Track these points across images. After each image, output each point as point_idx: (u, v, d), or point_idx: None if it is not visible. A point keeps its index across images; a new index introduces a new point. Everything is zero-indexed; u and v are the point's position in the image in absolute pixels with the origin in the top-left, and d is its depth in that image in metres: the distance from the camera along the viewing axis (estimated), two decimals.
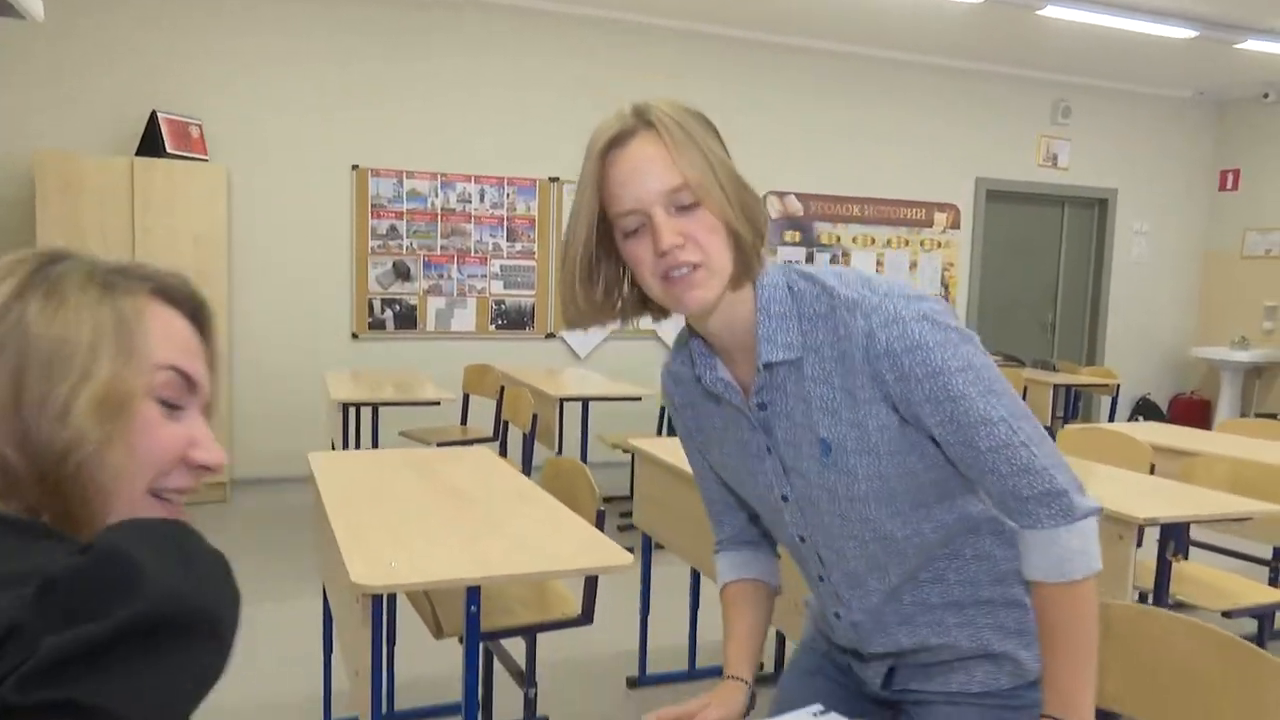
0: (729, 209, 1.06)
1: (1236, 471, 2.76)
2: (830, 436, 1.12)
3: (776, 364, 1.12)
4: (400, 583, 1.62)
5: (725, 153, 1.09)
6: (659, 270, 1.06)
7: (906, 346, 1.05)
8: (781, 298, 1.12)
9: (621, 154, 1.06)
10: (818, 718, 1.16)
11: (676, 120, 1.06)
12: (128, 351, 0.68)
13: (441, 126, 5.87)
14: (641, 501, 3.05)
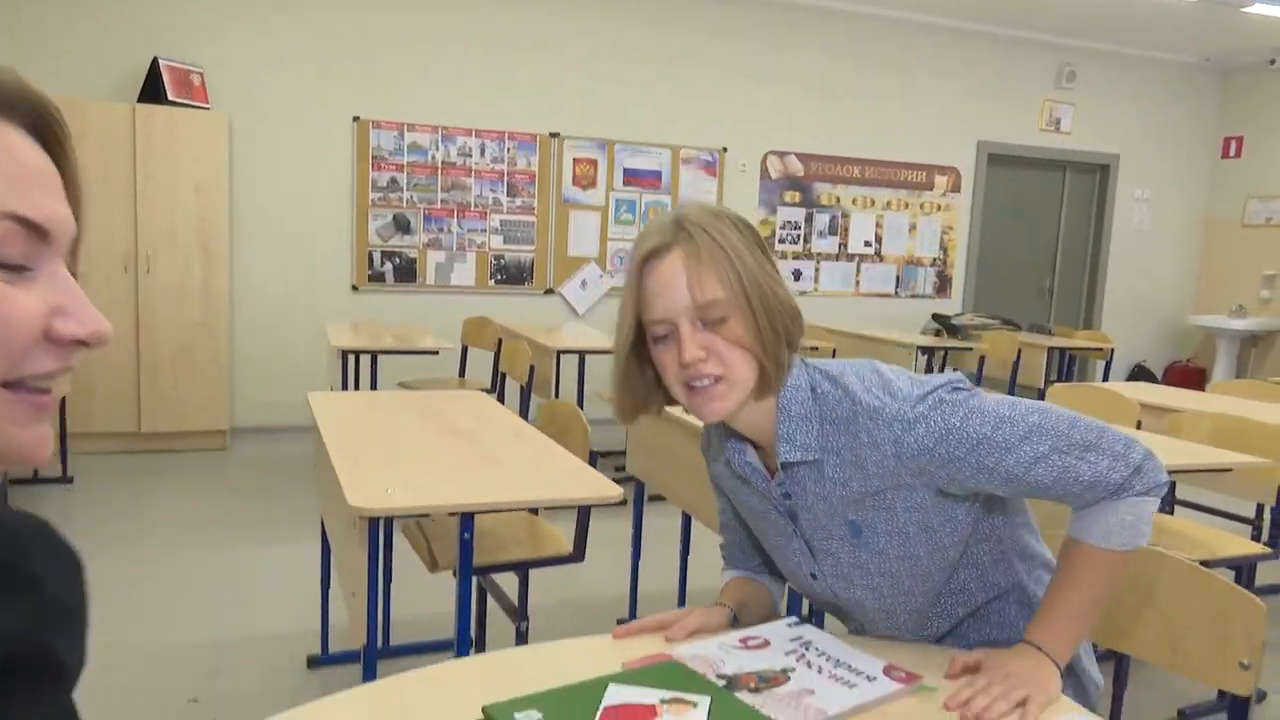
0: (755, 327, 1.11)
1: (1221, 426, 2.81)
2: (860, 520, 1.17)
3: (794, 463, 1.18)
4: (396, 507, 1.67)
5: (767, 262, 1.15)
6: (682, 379, 1.13)
7: (938, 438, 1.09)
8: (803, 399, 1.16)
9: (657, 265, 1.12)
10: (792, 627, 1.21)
11: (713, 235, 1.11)
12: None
13: (443, 80, 5.85)
14: (635, 449, 3.10)
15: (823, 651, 1.14)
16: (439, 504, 1.71)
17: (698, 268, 1.10)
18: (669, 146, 6.44)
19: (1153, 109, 7.84)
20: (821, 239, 6.98)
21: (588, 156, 6.24)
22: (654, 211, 6.46)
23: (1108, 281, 7.92)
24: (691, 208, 1.16)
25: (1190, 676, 1.40)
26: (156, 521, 3.95)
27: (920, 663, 1.14)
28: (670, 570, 3.45)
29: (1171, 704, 2.75)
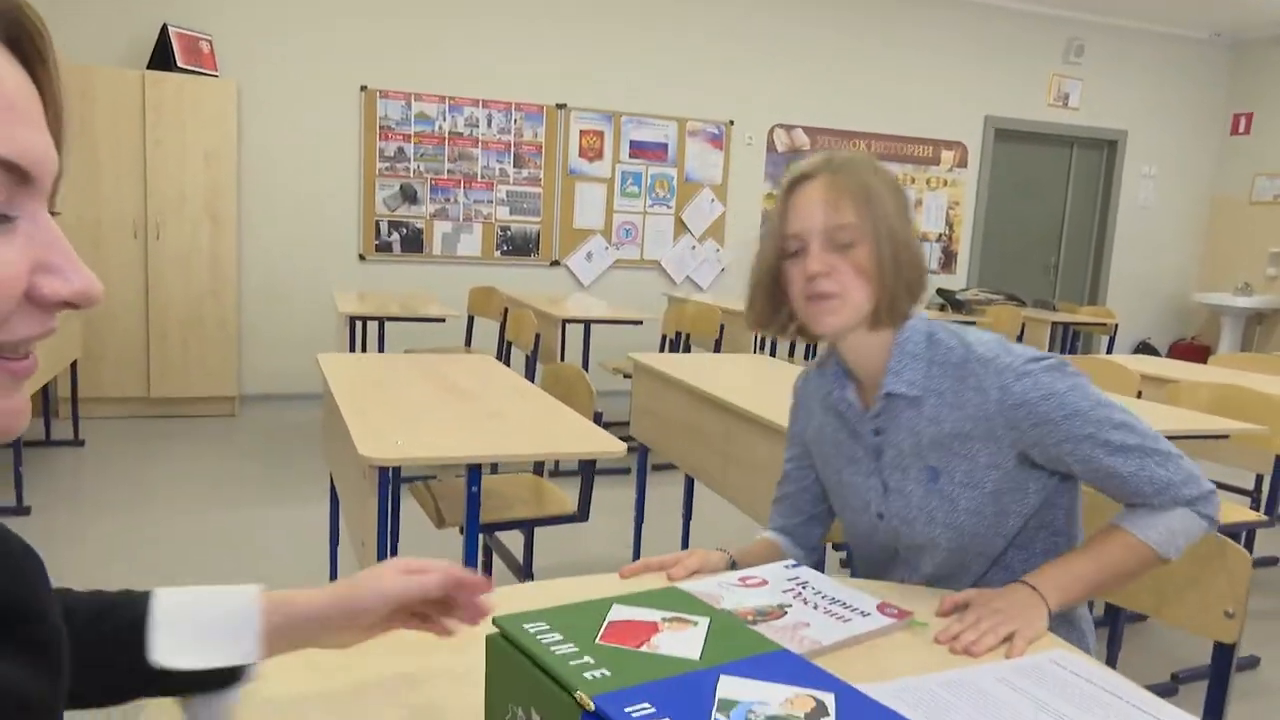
0: (878, 261, 1.22)
1: (1220, 396, 2.83)
2: (940, 466, 1.26)
3: (897, 395, 1.27)
4: (405, 457, 1.71)
5: (904, 216, 1.25)
6: (804, 291, 1.25)
7: (1042, 395, 1.18)
8: (919, 340, 1.27)
9: (803, 188, 1.25)
10: (790, 569, 1.25)
11: (860, 175, 1.24)
12: None
13: (450, 50, 5.84)
14: (639, 413, 3.14)
15: (819, 590, 1.18)
16: (447, 455, 1.75)
17: (836, 195, 1.22)
18: (675, 119, 6.43)
19: (1161, 85, 7.79)
20: None
21: (594, 128, 6.24)
22: (660, 184, 6.47)
23: (1113, 258, 7.91)
24: (848, 152, 1.28)
25: (1177, 626, 1.44)
26: (166, 484, 4.01)
27: (913, 602, 1.18)
28: (672, 536, 3.50)
29: (1166, 668, 2.79)
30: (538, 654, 0.78)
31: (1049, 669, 1.02)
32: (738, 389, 2.56)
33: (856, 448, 1.34)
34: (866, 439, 1.32)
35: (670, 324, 5.16)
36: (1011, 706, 0.93)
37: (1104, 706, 0.94)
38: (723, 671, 0.78)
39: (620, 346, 5.89)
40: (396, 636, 0.91)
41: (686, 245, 6.61)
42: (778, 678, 0.77)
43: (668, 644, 0.82)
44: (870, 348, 1.29)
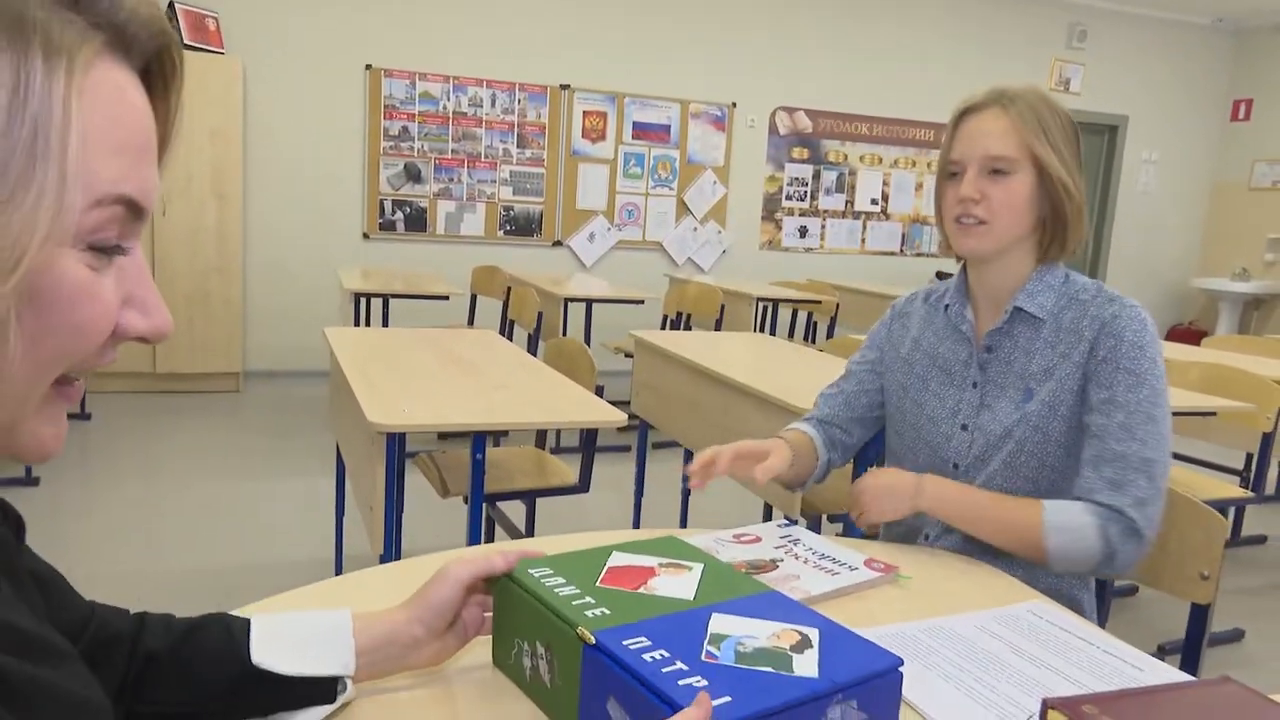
0: (1034, 194, 1.27)
1: (1209, 375, 2.89)
2: (1037, 389, 1.31)
3: (1024, 314, 1.32)
4: (412, 424, 1.77)
5: (1069, 155, 1.29)
6: (954, 213, 1.31)
7: (1133, 342, 1.24)
8: (1058, 273, 1.34)
9: (970, 118, 1.31)
10: (782, 528, 1.31)
11: (1032, 108, 1.28)
12: (48, 184, 0.41)
13: (455, 30, 5.86)
14: (639, 389, 3.19)
15: (809, 546, 1.24)
16: (452, 423, 1.81)
17: (1000, 125, 1.27)
18: (678, 101, 6.45)
19: (1163, 70, 7.80)
20: (828, 196, 7.02)
21: (597, 109, 6.27)
22: (663, 166, 6.50)
23: (1113, 242, 7.95)
24: (1025, 87, 1.31)
25: (1155, 588, 1.49)
26: (173, 456, 4.07)
27: (901, 558, 1.24)
28: (671, 510, 3.57)
29: (1152, 640, 2.86)
30: (542, 595, 0.83)
31: (1026, 618, 1.08)
32: (737, 365, 2.61)
33: (958, 361, 1.40)
34: (975, 354, 1.38)
35: (671, 304, 5.21)
36: (988, 650, 0.99)
37: (1075, 651, 1.00)
38: (714, 610, 0.83)
39: (621, 326, 5.93)
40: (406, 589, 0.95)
41: (688, 227, 6.65)
42: (766, 615, 0.83)
43: (664, 586, 0.87)
44: (1009, 271, 1.34)
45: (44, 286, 0.42)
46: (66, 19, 0.42)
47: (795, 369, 2.68)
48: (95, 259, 0.44)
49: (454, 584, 0.84)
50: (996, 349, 1.36)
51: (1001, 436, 1.33)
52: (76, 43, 0.42)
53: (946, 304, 1.43)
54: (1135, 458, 1.22)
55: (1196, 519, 1.41)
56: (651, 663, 0.72)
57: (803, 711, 0.70)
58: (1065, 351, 1.29)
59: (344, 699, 0.79)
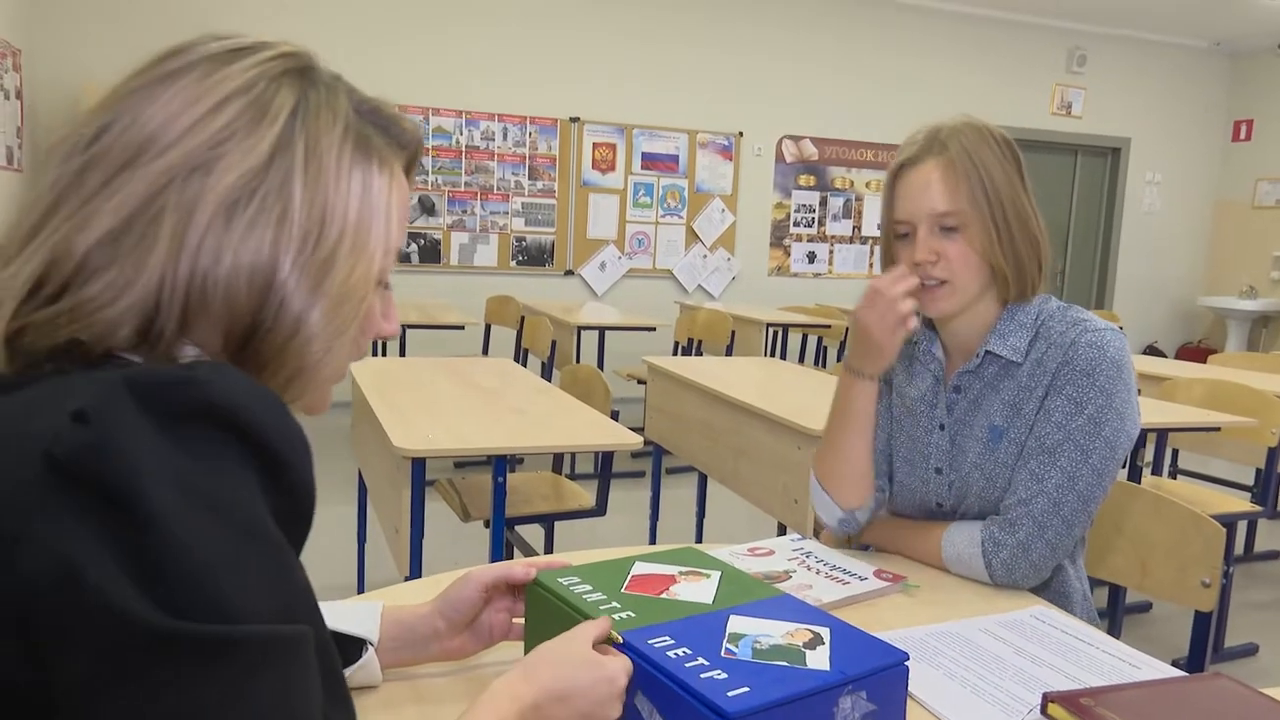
0: (991, 243, 1.22)
1: (1213, 391, 2.93)
2: (1005, 427, 1.27)
3: (996, 357, 1.28)
4: (437, 449, 1.84)
5: (1017, 187, 1.24)
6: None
7: (1082, 369, 1.21)
8: (1031, 311, 1.29)
9: (908, 173, 1.26)
10: (795, 542, 1.37)
11: (969, 151, 1.22)
12: (377, 243, 0.64)
13: (466, 65, 6.00)
14: (653, 414, 3.25)
15: (821, 559, 1.30)
16: (475, 447, 1.88)
17: (942, 179, 1.22)
18: (686, 131, 6.57)
19: (1163, 93, 7.89)
20: (835, 222, 7.10)
21: (607, 141, 6.39)
22: (671, 195, 6.60)
23: (1119, 264, 8.00)
24: (955, 122, 1.26)
25: (1157, 597, 1.54)
26: None
27: (908, 570, 1.29)
28: (687, 533, 3.61)
29: (1164, 656, 2.87)
30: (571, 600, 0.89)
31: (1029, 622, 1.13)
32: (748, 388, 2.67)
33: (923, 403, 1.36)
34: (943, 394, 1.34)
35: (682, 331, 5.28)
36: (992, 652, 1.04)
37: (1077, 652, 1.05)
38: (732, 612, 0.89)
39: (633, 354, 5.99)
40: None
41: (698, 254, 6.74)
42: (780, 616, 0.89)
43: (684, 592, 0.93)
44: (976, 318, 1.30)
45: (366, 313, 0.66)
46: (387, 141, 0.67)
47: (806, 391, 2.74)
48: (378, 291, 0.68)
49: (475, 584, 0.93)
50: (965, 390, 1.32)
51: (979, 480, 1.30)
52: (392, 156, 0.67)
53: (915, 340, 1.38)
54: (1044, 495, 1.22)
55: (1196, 529, 1.46)
56: (676, 659, 0.78)
57: (816, 701, 0.76)
58: (1030, 386, 1.26)
59: (364, 663, 0.87)
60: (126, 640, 0.46)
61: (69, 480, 0.48)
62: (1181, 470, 3.93)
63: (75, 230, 0.56)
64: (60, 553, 0.47)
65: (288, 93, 0.62)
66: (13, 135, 4.74)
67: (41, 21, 5.15)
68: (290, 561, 0.55)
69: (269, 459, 0.54)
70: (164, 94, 0.59)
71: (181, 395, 0.52)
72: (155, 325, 0.57)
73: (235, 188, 0.58)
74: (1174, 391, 3.02)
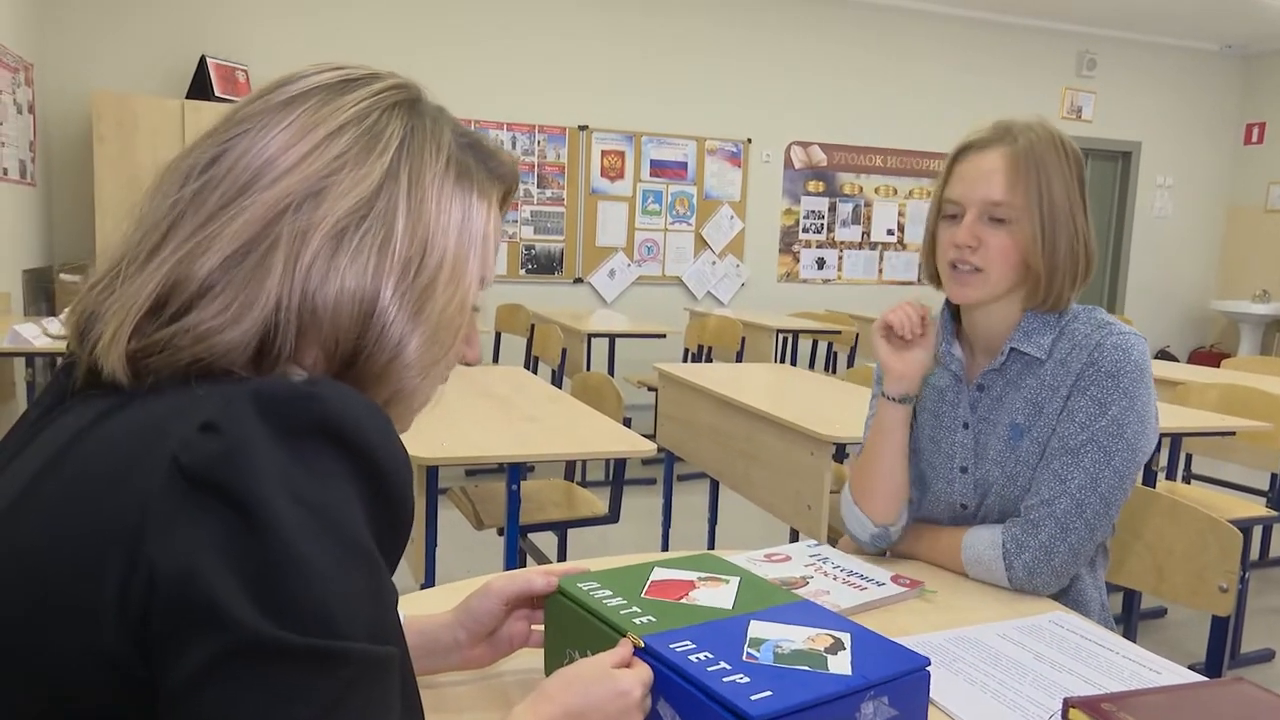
0: (1034, 244, 1.22)
1: (1228, 395, 2.92)
2: (1026, 425, 1.28)
3: (1021, 354, 1.29)
4: (451, 456, 1.84)
5: (1075, 198, 1.24)
6: (949, 258, 1.28)
7: (1108, 370, 1.22)
8: (1057, 313, 1.29)
9: (971, 155, 1.27)
10: (811, 548, 1.37)
11: (1035, 150, 1.22)
12: (473, 273, 0.67)
13: (476, 74, 6.03)
14: (664, 420, 3.25)
15: (838, 565, 1.30)
16: (488, 455, 1.88)
17: (1004, 170, 1.22)
18: (694, 138, 6.58)
19: (1174, 96, 7.87)
20: (844, 228, 7.10)
21: (615, 149, 6.40)
22: (680, 202, 6.61)
23: (1130, 268, 7.97)
24: (1029, 120, 1.27)
25: (1174, 602, 1.54)
26: None
27: (925, 575, 1.29)
28: (698, 539, 3.61)
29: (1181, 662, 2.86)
30: (592, 605, 0.90)
31: (1047, 627, 1.13)
32: (759, 394, 2.67)
33: (945, 402, 1.36)
34: (965, 393, 1.34)
35: (692, 337, 5.28)
36: (1012, 657, 1.04)
37: (1097, 657, 1.05)
38: (752, 617, 0.89)
39: (643, 361, 6.00)
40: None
41: (707, 261, 6.74)
42: (800, 621, 0.89)
43: (704, 597, 0.94)
44: (1001, 314, 1.30)
45: (459, 336, 0.68)
46: (487, 173, 0.69)
47: (817, 397, 2.74)
48: (469, 314, 0.69)
49: (495, 596, 0.93)
50: (989, 388, 1.33)
51: (994, 474, 1.31)
52: (490, 188, 0.69)
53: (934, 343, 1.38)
54: (1067, 495, 1.22)
55: (1213, 533, 1.45)
56: (697, 663, 0.79)
57: (839, 705, 0.76)
58: (1054, 385, 1.27)
59: None
60: (233, 645, 0.48)
61: (196, 487, 0.50)
62: (1195, 475, 3.91)
63: (196, 252, 0.58)
64: (181, 556, 0.48)
65: (397, 124, 0.64)
66: (25, 149, 4.78)
67: (53, 35, 5.20)
68: (385, 580, 0.56)
69: (376, 477, 0.55)
70: (281, 121, 0.61)
71: (303, 410, 0.53)
72: (271, 347, 0.58)
73: (346, 215, 0.59)
74: (1188, 396, 3.01)
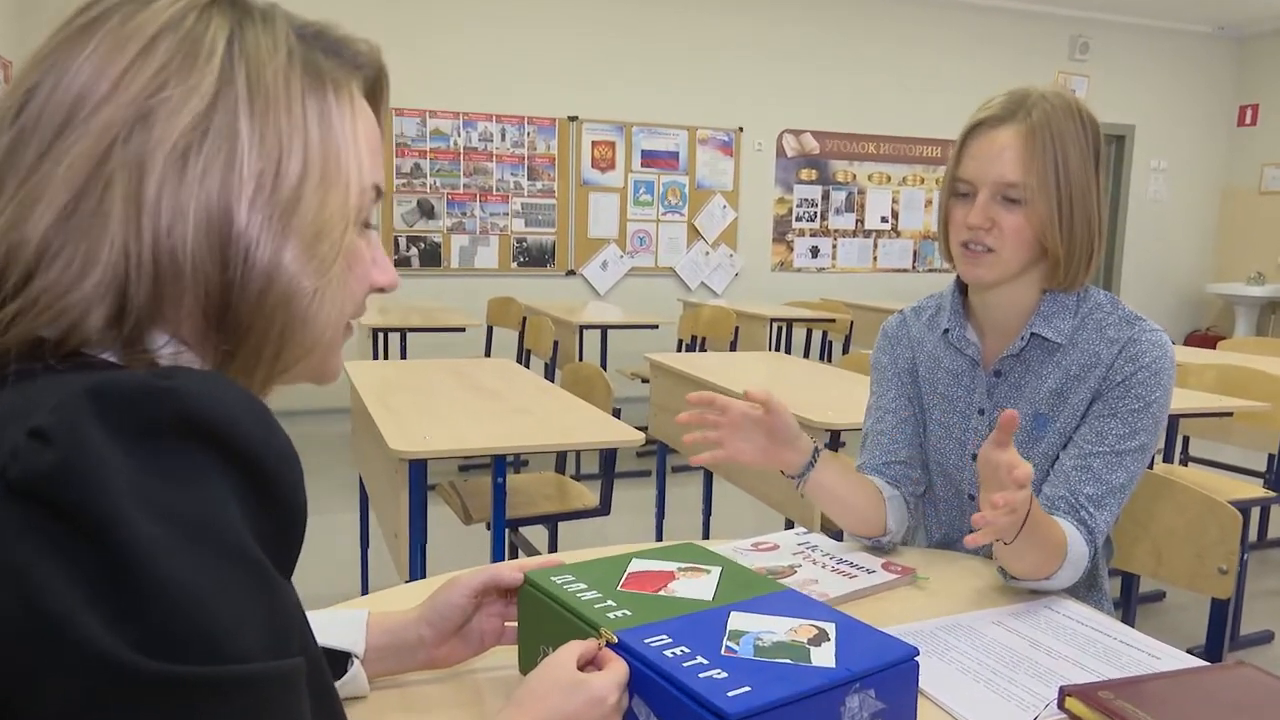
0: (1050, 224, 1.18)
1: (1225, 376, 2.89)
2: (1050, 415, 1.25)
3: (1041, 339, 1.25)
4: (434, 450, 1.80)
5: (1089, 174, 1.19)
6: (961, 238, 1.23)
7: (1151, 368, 1.19)
8: (1075, 295, 1.26)
9: (986, 132, 1.21)
10: (800, 536, 1.33)
11: (1051, 122, 1.17)
12: (347, 175, 0.58)
13: (463, 67, 5.97)
14: (657, 411, 3.22)
15: (827, 552, 1.26)
16: (474, 447, 1.84)
17: (1018, 148, 1.17)
18: (685, 128, 6.53)
19: (1168, 79, 7.83)
20: (838, 216, 7.06)
21: (606, 139, 6.35)
22: (672, 192, 6.56)
23: (1125, 252, 7.93)
24: (1046, 91, 1.21)
25: (1173, 584, 1.50)
26: None
27: (918, 561, 1.25)
28: (693, 531, 3.57)
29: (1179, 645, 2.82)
30: (565, 599, 0.86)
31: (1043, 613, 1.09)
32: (752, 382, 2.63)
33: (966, 389, 1.32)
34: (982, 379, 1.30)
35: (686, 328, 5.24)
36: (1006, 645, 1.00)
37: (1094, 643, 1.02)
38: (733, 609, 0.86)
39: (637, 352, 5.95)
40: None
41: (700, 251, 6.70)
42: (783, 612, 0.85)
43: (683, 589, 0.90)
44: (1017, 295, 1.26)
45: (350, 257, 0.59)
46: (339, 64, 0.60)
47: (812, 385, 2.71)
48: (361, 233, 0.61)
49: (461, 590, 0.89)
50: (1007, 374, 1.29)
51: None
52: (348, 79, 0.60)
53: (946, 328, 1.34)
54: (1116, 483, 1.19)
55: (1212, 515, 1.42)
56: (673, 658, 0.75)
57: (821, 700, 0.72)
58: (1079, 375, 1.23)
59: (350, 676, 0.85)
60: (104, 685, 0.41)
61: (30, 506, 0.42)
62: (1192, 458, 3.88)
63: (24, 213, 0.50)
64: (23, 589, 0.41)
65: (220, 23, 0.54)
66: None
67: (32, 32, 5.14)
68: (278, 586, 0.49)
69: (254, 476, 0.49)
70: (86, 46, 0.52)
71: (153, 406, 0.46)
72: (127, 305, 0.51)
73: (183, 134, 0.51)
74: (1185, 377, 2.97)
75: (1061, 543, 1.12)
